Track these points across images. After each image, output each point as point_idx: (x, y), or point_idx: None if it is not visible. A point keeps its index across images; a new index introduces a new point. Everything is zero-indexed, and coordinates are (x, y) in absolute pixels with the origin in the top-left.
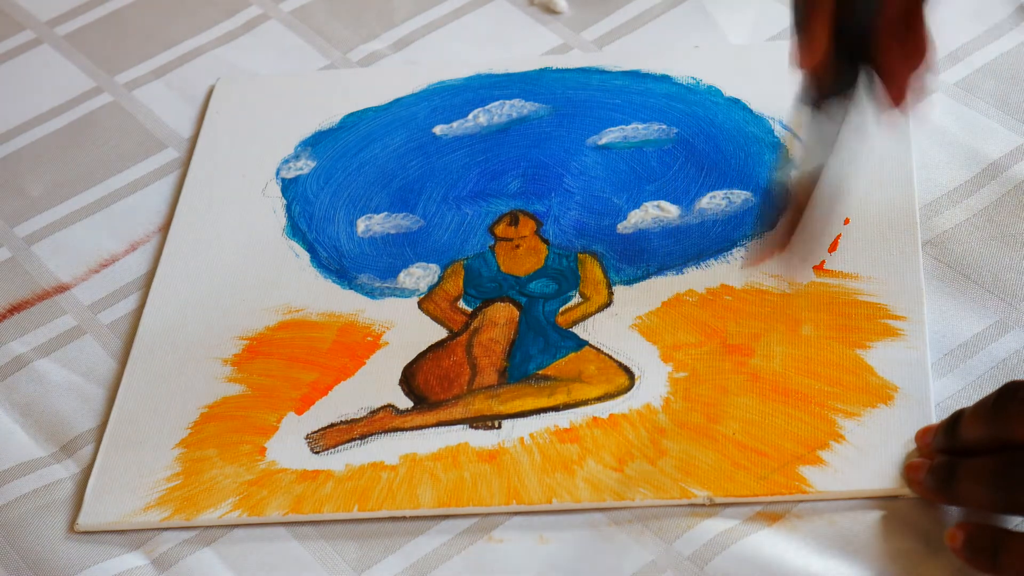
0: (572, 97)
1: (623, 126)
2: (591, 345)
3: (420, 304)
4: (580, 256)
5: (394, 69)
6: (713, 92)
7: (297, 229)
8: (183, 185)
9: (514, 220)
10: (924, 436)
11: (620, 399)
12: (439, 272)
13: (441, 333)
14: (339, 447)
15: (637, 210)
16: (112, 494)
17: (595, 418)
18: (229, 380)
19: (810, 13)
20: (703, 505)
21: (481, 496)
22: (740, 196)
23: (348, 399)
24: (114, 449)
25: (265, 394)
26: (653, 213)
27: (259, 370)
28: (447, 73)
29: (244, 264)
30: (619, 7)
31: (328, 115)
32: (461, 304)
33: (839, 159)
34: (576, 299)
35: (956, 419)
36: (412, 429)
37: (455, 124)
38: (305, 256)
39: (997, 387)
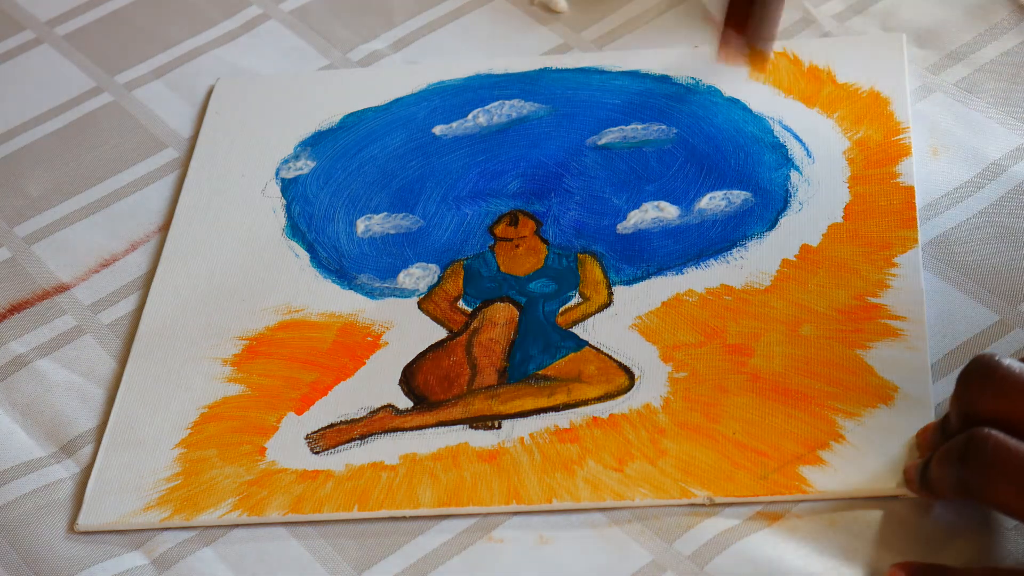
0: (572, 97)
1: (623, 126)
2: (591, 345)
3: (420, 304)
4: (580, 256)
5: (394, 69)
6: (713, 92)
7: (297, 229)
8: (183, 185)
9: (514, 220)
10: (924, 434)
11: (620, 399)
12: (439, 272)
13: (441, 333)
14: (339, 447)
15: (637, 210)
16: (112, 494)
17: (595, 418)
18: (229, 380)
19: None
20: (703, 505)
21: (481, 496)
22: (740, 196)
23: (348, 399)
24: (114, 449)
25: (265, 394)
26: (653, 213)
27: (259, 370)
28: (447, 73)
29: (244, 264)
30: (619, 7)
31: (328, 115)
32: (461, 304)
33: None
34: (576, 299)
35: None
36: (412, 429)
37: (455, 124)
38: (305, 256)
39: None
